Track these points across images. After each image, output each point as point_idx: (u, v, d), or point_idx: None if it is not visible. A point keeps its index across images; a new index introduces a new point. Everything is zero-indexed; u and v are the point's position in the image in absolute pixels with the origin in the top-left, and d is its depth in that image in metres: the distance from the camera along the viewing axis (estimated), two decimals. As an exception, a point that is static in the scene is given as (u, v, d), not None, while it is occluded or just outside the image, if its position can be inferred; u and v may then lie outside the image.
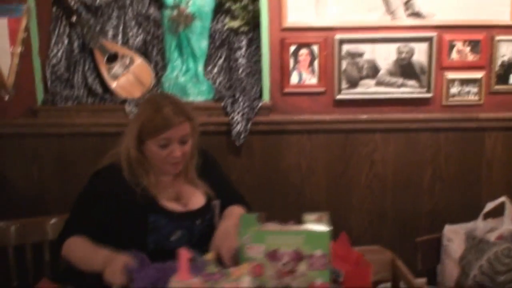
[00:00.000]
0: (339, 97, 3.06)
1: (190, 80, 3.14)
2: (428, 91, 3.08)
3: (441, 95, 3.11)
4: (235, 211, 2.28)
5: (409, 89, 3.08)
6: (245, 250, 1.81)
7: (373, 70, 3.04)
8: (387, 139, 3.16)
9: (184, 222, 2.16)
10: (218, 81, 3.25)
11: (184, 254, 1.58)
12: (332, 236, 1.82)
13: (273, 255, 1.82)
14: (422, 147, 3.18)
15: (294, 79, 3.05)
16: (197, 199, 2.24)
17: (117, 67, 3.15)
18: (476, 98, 3.12)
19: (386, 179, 3.21)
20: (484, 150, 3.21)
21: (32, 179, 3.16)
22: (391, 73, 3.05)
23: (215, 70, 3.25)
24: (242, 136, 3.01)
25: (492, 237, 2.33)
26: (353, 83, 3.05)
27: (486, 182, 3.25)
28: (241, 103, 3.00)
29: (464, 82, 3.10)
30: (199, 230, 2.19)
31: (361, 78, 3.05)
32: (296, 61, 3.03)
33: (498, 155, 3.22)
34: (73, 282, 2.10)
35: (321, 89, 3.07)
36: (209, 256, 1.60)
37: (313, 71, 3.04)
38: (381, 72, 3.04)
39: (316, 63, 3.03)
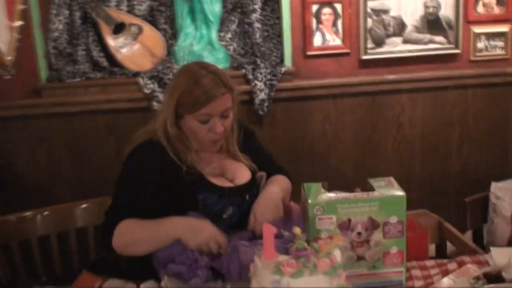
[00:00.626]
0: (365, 57, 2.91)
1: (205, 48, 2.94)
2: (456, 46, 2.95)
3: (468, 51, 2.99)
4: (279, 178, 2.15)
5: (437, 45, 2.95)
6: (316, 221, 1.66)
7: (400, 27, 2.90)
8: (414, 100, 3.03)
9: (235, 198, 2.00)
10: (232, 48, 3.05)
11: (270, 229, 1.42)
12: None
13: (345, 226, 1.68)
14: (450, 106, 3.07)
15: (317, 40, 2.88)
16: (242, 173, 2.09)
17: (124, 38, 2.93)
18: (503, 52, 3.01)
19: (414, 142, 3.09)
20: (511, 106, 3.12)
21: (40, 164, 2.92)
22: (418, 30, 2.91)
23: (229, 35, 3.05)
24: (266, 104, 2.84)
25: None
26: (379, 42, 2.90)
27: (513, 138, 3.16)
28: (263, 70, 2.82)
29: (490, 36, 2.99)
30: (248, 206, 2.04)
31: (387, 36, 2.90)
32: (319, 21, 2.85)
33: (526, 110, 3.13)
34: (113, 273, 1.93)
35: (346, 50, 2.91)
36: (297, 230, 1.44)
37: (336, 31, 2.87)
38: (408, 28, 2.90)
39: (339, 22, 2.86)
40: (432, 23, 2.91)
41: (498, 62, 3.03)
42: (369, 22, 2.87)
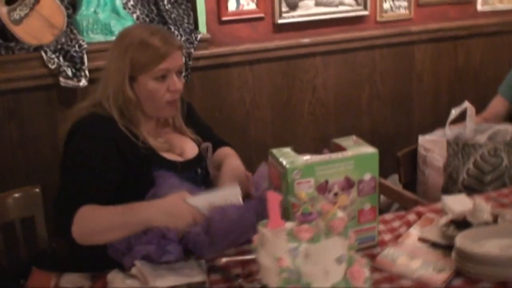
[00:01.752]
0: (280, 21, 2.86)
1: (110, 16, 2.73)
2: (365, 8, 3.00)
3: (375, 12, 3.06)
4: (231, 151, 2.12)
5: (347, 8, 2.98)
6: (295, 186, 1.60)
7: (312, -10, 2.89)
8: (327, 62, 3.05)
9: (188, 173, 1.90)
10: (135, 16, 2.86)
11: (275, 197, 1.34)
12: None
13: (323, 187, 1.64)
14: (360, 67, 3.13)
15: (231, 5, 2.78)
16: (190, 147, 2.01)
17: (19, 9, 2.63)
18: (407, 12, 3.11)
19: (328, 104, 3.12)
20: (414, 63, 3.25)
21: None
22: (329, -8, 2.92)
23: (131, 2, 2.84)
24: (183, 73, 2.70)
25: (481, 139, 2.34)
26: (293, 6, 2.87)
27: (417, 94, 3.31)
28: (178, 37, 2.68)
29: (394, -4, 3.08)
30: (201, 180, 1.95)
31: (300, -1, 2.88)
32: (233, -15, 2.77)
33: (427, 67, 3.28)
34: (65, 267, 1.75)
35: (261, 15, 2.85)
36: (302, 194, 1.37)
37: (251, -5, 2.81)
38: (320, -9, 2.90)
39: (253, -14, 2.79)
40: (342, -15, 2.94)
41: (402, 22, 3.13)
42: (283, -16, 2.83)
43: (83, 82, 2.58)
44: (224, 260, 1.63)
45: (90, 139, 1.77)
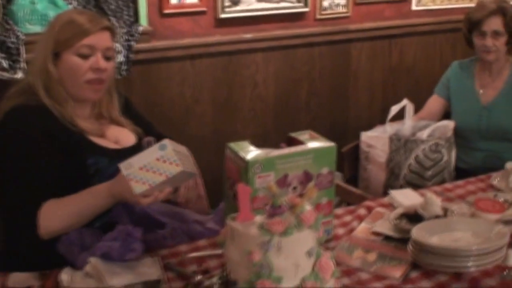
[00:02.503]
0: (222, 16, 2.83)
1: (48, 6, 2.60)
2: (305, 5, 3.02)
3: (315, 9, 3.08)
4: None
5: (288, 4, 2.98)
6: (255, 180, 1.59)
7: (254, -15, 2.88)
8: (267, 59, 3.05)
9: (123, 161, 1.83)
10: (72, 7, 2.74)
11: (245, 190, 1.32)
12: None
13: (283, 181, 1.64)
14: (299, 64, 3.15)
15: (173, -2, 2.73)
16: (126, 137, 1.97)
17: None
18: (345, 10, 3.16)
19: (268, 100, 3.12)
20: (351, 61, 3.30)
21: None
22: (270, -12, 2.92)
23: (68, -7, 2.74)
24: (124, 67, 2.62)
25: (423, 135, 2.40)
26: (235, 1, 2.85)
27: (353, 92, 3.36)
28: (119, 30, 2.60)
29: (334, -6, 3.11)
30: None
31: (242, -6, 2.86)
32: (175, -22, 2.71)
33: (363, 65, 3.34)
34: (11, 266, 1.66)
35: (203, 9, 2.81)
36: (272, 187, 1.34)
37: (193, -12, 2.76)
38: (261, -13, 2.89)
39: (196, -21, 2.75)
40: (283, -20, 2.94)
41: (341, 20, 3.17)
42: (225, -21, 2.80)
43: (20, 75, 2.45)
44: (192, 255, 1.59)
45: (20, 137, 1.71)
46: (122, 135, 1.94)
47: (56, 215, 1.65)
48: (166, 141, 1.60)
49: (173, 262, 1.64)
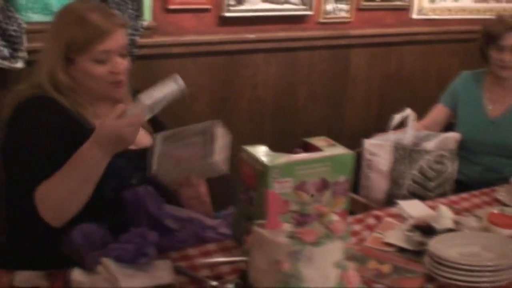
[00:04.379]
0: (226, 14, 2.78)
1: (50, -6, 2.54)
2: (309, 8, 2.99)
3: (318, 13, 3.05)
4: None
5: (292, 6, 2.95)
6: (273, 185, 1.55)
7: (260, -15, 2.84)
8: (268, 60, 3.01)
9: (141, 162, 1.79)
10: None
11: (275, 197, 1.28)
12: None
13: (301, 188, 1.60)
14: (299, 67, 3.12)
15: (179, -7, 2.68)
16: (142, 137, 1.88)
17: None
18: (348, 15, 3.14)
19: (266, 102, 3.08)
20: (350, 67, 3.28)
21: None
22: (276, -11, 2.89)
23: (70, -17, 2.67)
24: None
25: (429, 145, 2.39)
26: (240, 0, 2.81)
27: (350, 98, 3.35)
28: (122, 22, 2.53)
29: (338, -2, 3.10)
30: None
31: (248, -7, 2.82)
32: (182, -27, 2.66)
33: (361, 71, 3.33)
34: (17, 264, 1.60)
35: (207, 6, 2.76)
36: (302, 195, 1.31)
37: (199, -15, 2.71)
38: (267, -13, 2.86)
39: (203, -25, 2.70)
40: (289, -18, 2.91)
41: (342, 25, 3.15)
42: (231, -24, 2.76)
43: (20, 64, 2.37)
44: (211, 260, 1.55)
45: (32, 120, 1.64)
46: (138, 136, 1.88)
47: (49, 192, 1.55)
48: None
49: (184, 266, 1.61)
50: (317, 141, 1.77)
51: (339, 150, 1.70)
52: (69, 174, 1.56)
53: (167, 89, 1.63)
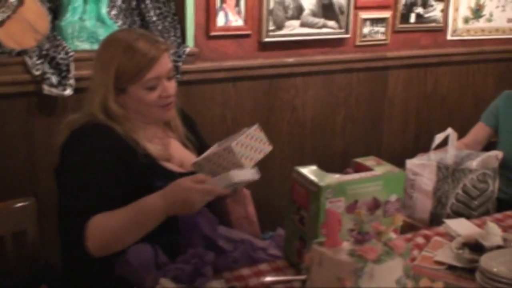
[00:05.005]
0: (266, 39, 2.85)
1: (96, 24, 2.62)
2: (346, 31, 3.04)
3: (355, 36, 3.10)
4: None
5: (329, 30, 3.00)
6: (326, 205, 1.58)
7: (298, 10, 2.89)
8: (307, 83, 3.06)
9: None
10: (119, 25, 2.76)
11: (334, 215, 1.31)
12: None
13: (353, 207, 1.63)
14: (337, 90, 3.16)
15: (220, 20, 2.74)
16: (190, 160, 1.92)
17: (1, 11, 2.48)
18: (384, 37, 3.18)
19: (305, 125, 3.13)
20: (387, 88, 3.32)
21: None
22: (314, 13, 2.93)
23: (114, 12, 2.74)
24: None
25: (472, 165, 2.40)
26: (279, 25, 2.87)
27: (387, 119, 3.37)
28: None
29: (374, 21, 3.13)
30: None
31: (287, 18, 2.87)
32: (222, 0, 2.72)
33: (398, 92, 3.36)
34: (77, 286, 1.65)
35: (248, 32, 2.83)
36: (360, 213, 1.34)
37: (239, 12, 2.77)
38: (305, 12, 2.91)
39: (242, 2, 2.76)
40: (326, 7, 2.96)
41: (379, 47, 3.20)
42: (271, 3, 2.81)
43: (68, 92, 2.46)
44: (268, 279, 1.57)
45: (89, 148, 1.69)
46: (187, 159, 1.91)
47: (103, 227, 1.58)
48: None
49: (238, 286, 1.63)
50: (367, 160, 1.79)
51: (390, 169, 1.72)
52: (127, 214, 1.60)
53: (250, 175, 1.66)
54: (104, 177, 1.66)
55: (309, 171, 1.68)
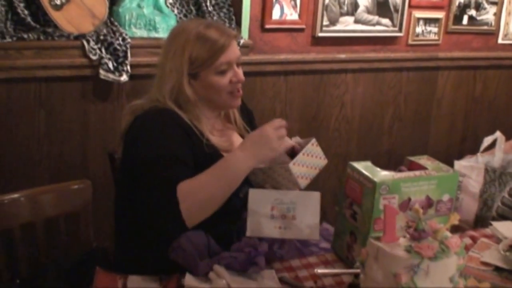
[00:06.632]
0: (320, 34, 2.87)
1: (153, 12, 2.67)
2: (400, 30, 3.04)
3: (408, 35, 3.10)
4: None
5: (383, 28, 3.01)
6: (381, 201, 1.60)
7: (353, 7, 2.91)
8: (357, 80, 3.08)
9: (246, 177, 1.84)
10: (176, 13, 2.81)
11: (392, 211, 1.34)
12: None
13: (405, 205, 1.65)
14: (386, 88, 3.17)
15: (275, 14, 2.77)
16: None
17: (62, -6, 2.55)
18: (436, 37, 3.17)
19: (353, 121, 3.14)
20: (436, 89, 3.31)
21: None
22: (368, 10, 2.94)
23: (170, 0, 2.80)
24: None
25: (521, 169, 2.41)
26: (333, 21, 2.88)
27: (435, 119, 3.37)
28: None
29: (427, 21, 3.12)
30: (255, 185, 1.91)
31: (341, 14, 2.89)
32: (278, -6, 2.76)
33: (447, 93, 3.34)
34: (132, 269, 1.68)
35: (302, 26, 2.85)
36: (418, 210, 1.36)
37: (294, 5, 2.79)
38: (360, 9, 2.92)
39: (298, -4, 2.79)
40: (381, 5, 2.96)
41: (430, 47, 3.19)
42: (326, -2, 2.84)
43: (124, 77, 2.51)
44: (320, 271, 1.60)
45: (164, 126, 1.72)
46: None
47: (193, 187, 1.59)
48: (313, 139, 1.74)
49: (288, 276, 1.66)
50: (421, 159, 1.81)
51: (445, 169, 1.73)
52: (212, 173, 1.62)
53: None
54: (181, 149, 1.69)
55: (363, 167, 1.70)
